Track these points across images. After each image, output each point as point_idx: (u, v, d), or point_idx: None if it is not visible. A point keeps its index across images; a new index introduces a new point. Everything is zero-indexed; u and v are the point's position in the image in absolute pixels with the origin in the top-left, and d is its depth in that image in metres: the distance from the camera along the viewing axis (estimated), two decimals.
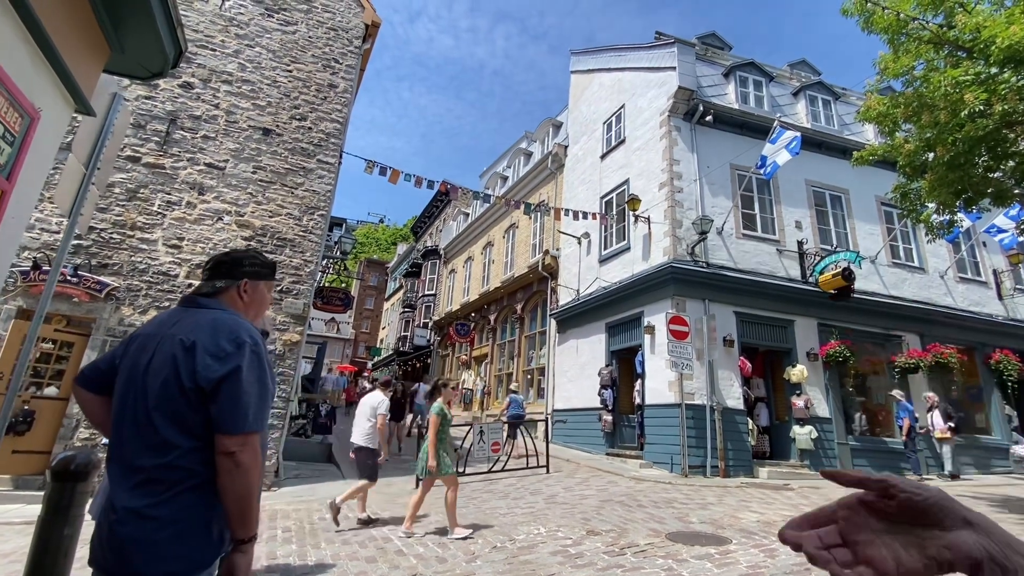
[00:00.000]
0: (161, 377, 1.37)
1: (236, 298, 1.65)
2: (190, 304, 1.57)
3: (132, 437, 1.37)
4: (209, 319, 1.47)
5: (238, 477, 1.34)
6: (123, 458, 1.37)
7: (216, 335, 1.42)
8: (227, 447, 1.33)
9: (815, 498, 7.21)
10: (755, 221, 11.25)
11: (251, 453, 1.36)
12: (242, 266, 1.68)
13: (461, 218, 25.44)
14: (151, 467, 1.33)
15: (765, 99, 12.54)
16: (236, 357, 1.39)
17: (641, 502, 6.59)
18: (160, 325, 1.50)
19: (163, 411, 1.35)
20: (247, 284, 1.68)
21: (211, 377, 1.35)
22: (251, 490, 1.36)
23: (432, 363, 24.97)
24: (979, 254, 13.37)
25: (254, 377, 1.42)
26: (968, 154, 5.89)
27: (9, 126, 2.10)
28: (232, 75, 9.09)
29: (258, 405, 1.41)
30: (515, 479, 8.37)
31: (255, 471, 1.37)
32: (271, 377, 1.51)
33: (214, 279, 1.64)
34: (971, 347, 11.98)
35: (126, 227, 7.84)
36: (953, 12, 6.19)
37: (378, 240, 73.39)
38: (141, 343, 1.48)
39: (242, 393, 1.37)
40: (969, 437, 11.39)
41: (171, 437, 1.34)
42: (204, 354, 1.38)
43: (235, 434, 1.35)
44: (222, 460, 1.34)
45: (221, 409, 1.35)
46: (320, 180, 9.25)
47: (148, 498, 1.30)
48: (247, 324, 1.52)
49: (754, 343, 10.36)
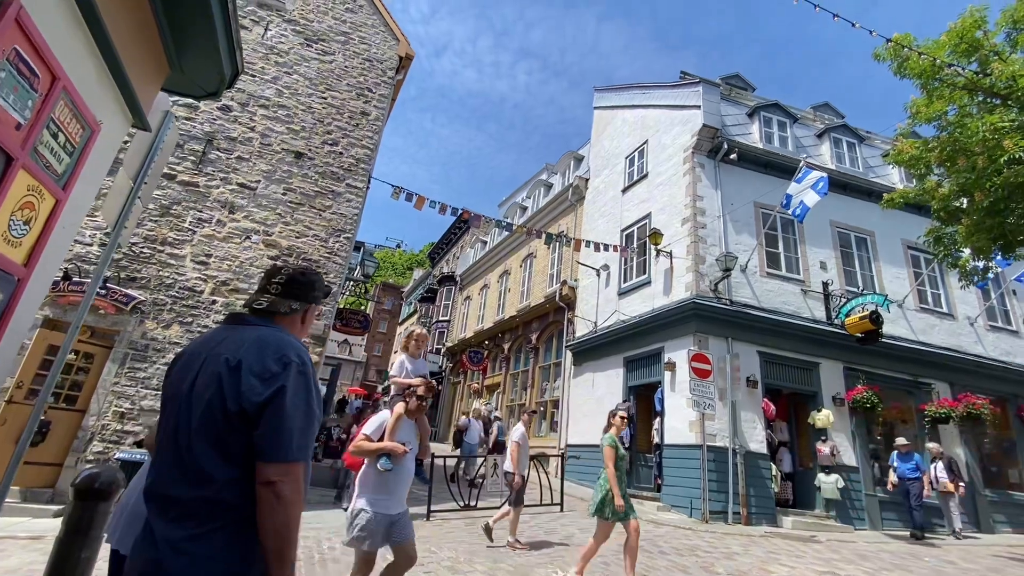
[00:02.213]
0: (205, 399, 1.29)
1: (298, 321, 1.58)
2: (237, 321, 1.48)
3: (172, 464, 1.28)
4: (254, 336, 1.38)
5: (278, 511, 1.23)
6: (162, 487, 1.28)
7: (262, 354, 1.33)
8: (268, 476, 1.23)
9: (846, 552, 6.83)
10: (779, 260, 11.12)
11: (293, 485, 1.25)
12: (315, 290, 1.62)
13: (479, 246, 25.61)
14: (189, 499, 1.24)
15: (789, 139, 12.57)
16: (281, 378, 1.30)
17: (662, 548, 6.29)
18: (205, 343, 1.42)
19: (205, 436, 1.26)
20: (312, 308, 1.62)
21: (255, 400, 1.26)
22: (291, 526, 1.25)
23: (443, 390, 24.74)
24: (1009, 302, 13.02)
25: (300, 401, 1.32)
26: (1007, 200, 5.77)
27: (71, 136, 2.13)
28: (269, 100, 9.38)
29: (303, 432, 1.31)
30: (528, 516, 8.09)
31: (297, 505, 1.26)
32: (318, 402, 1.41)
33: (288, 299, 1.54)
34: (1003, 398, 11.53)
35: (156, 242, 7.98)
36: (988, 60, 6.19)
37: (394, 264, 74.12)
38: (186, 362, 1.40)
39: (285, 418, 1.27)
40: (1002, 493, 10.85)
41: (211, 466, 1.24)
42: (249, 374, 1.28)
43: (277, 463, 1.25)
44: (262, 491, 1.23)
45: (263, 435, 1.25)
46: (348, 204, 9.38)
47: (184, 530, 1.21)
48: (295, 342, 1.43)
49: (778, 385, 10.07)
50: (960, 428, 10.63)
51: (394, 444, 3.22)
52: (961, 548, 8.09)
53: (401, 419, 3.38)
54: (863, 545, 7.57)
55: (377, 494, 3.14)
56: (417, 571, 4.87)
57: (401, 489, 3.26)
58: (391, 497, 3.18)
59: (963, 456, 10.58)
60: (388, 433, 3.31)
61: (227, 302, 8.09)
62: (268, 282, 1.57)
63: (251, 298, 1.54)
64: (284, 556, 1.24)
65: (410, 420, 3.45)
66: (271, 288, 1.56)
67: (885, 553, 7.11)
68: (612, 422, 5.10)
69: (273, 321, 1.50)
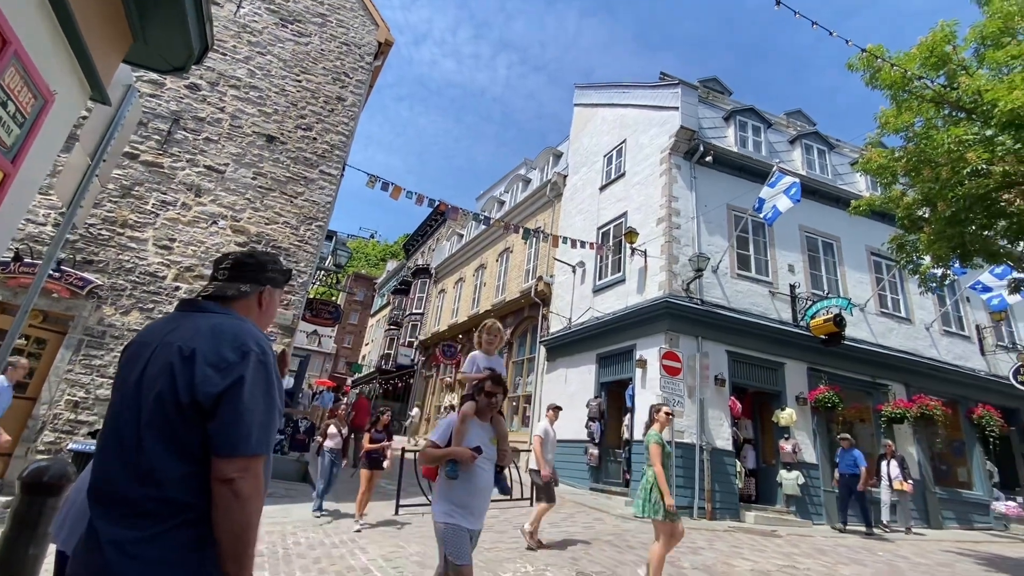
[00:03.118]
0: (155, 391, 1.19)
1: (255, 305, 1.50)
2: (191, 308, 1.39)
3: (119, 461, 1.18)
4: (209, 324, 1.29)
5: (236, 509, 1.15)
6: (108, 485, 1.18)
7: (218, 342, 1.24)
8: (225, 473, 1.15)
9: (805, 547, 7.06)
10: (749, 262, 11.36)
11: (252, 481, 1.18)
12: (266, 270, 1.52)
13: (455, 239, 25.42)
14: (138, 498, 1.14)
15: (763, 144, 12.83)
16: (239, 368, 1.22)
17: (630, 543, 6.37)
18: (154, 332, 1.32)
19: (156, 430, 1.17)
20: (268, 291, 1.53)
21: (210, 391, 1.17)
22: (249, 525, 1.17)
23: (415, 384, 24.54)
24: (963, 309, 13.64)
25: (260, 392, 1.24)
26: (968, 211, 6.01)
27: (21, 106, 1.97)
28: (241, 80, 9.04)
29: (263, 426, 1.23)
30: (498, 510, 8.08)
31: (256, 502, 1.18)
32: (280, 393, 1.32)
33: (236, 282, 1.46)
34: (954, 400, 12.09)
35: (116, 224, 7.62)
36: (956, 75, 6.41)
37: (367, 255, 73.02)
38: (134, 352, 1.30)
39: (244, 410, 1.19)
40: (951, 491, 11.41)
41: (163, 463, 1.15)
42: (204, 364, 1.20)
43: (235, 457, 1.16)
44: (219, 488, 1.15)
45: (219, 428, 1.17)
46: (321, 191, 9.14)
47: (133, 531, 1.12)
48: (255, 330, 1.35)
49: (744, 383, 10.32)
50: (914, 428, 11.11)
51: (460, 449, 2.82)
52: (912, 543, 8.46)
53: (468, 421, 2.97)
54: (821, 540, 7.83)
55: (451, 505, 2.81)
56: (385, 565, 4.80)
57: (476, 501, 2.87)
58: (464, 510, 2.81)
59: (915, 455, 11.07)
60: (455, 437, 2.91)
61: (191, 289, 7.79)
62: (216, 269, 1.50)
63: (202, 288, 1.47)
64: (242, 556, 1.17)
65: (483, 422, 3.02)
66: (219, 275, 1.48)
67: (842, 547, 7.38)
68: (656, 418, 4.84)
69: (229, 308, 1.42)
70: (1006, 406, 12.35)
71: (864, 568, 6.19)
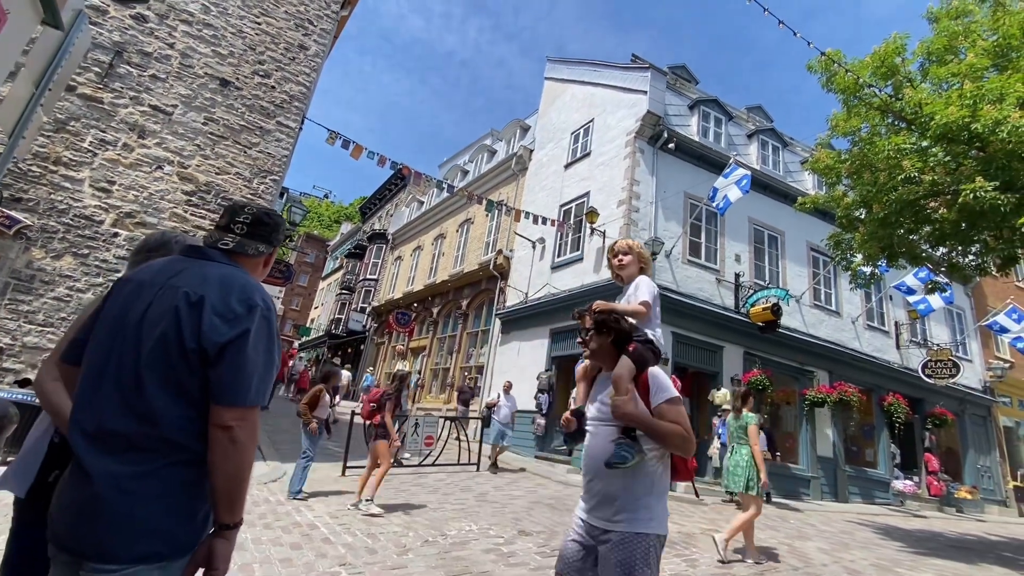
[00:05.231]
0: (158, 331, 1.21)
1: (260, 265, 1.52)
2: (196, 254, 1.39)
3: (111, 397, 1.19)
4: (218, 274, 1.32)
5: (232, 455, 1.20)
6: (100, 420, 1.18)
7: (226, 293, 1.27)
8: (224, 420, 1.20)
9: (727, 513, 7.68)
10: (700, 249, 11.85)
11: (249, 429, 1.23)
12: (278, 232, 1.54)
13: (415, 205, 24.95)
14: (134, 434, 1.17)
15: (723, 136, 13.25)
16: (246, 320, 1.26)
17: (569, 506, 6.72)
18: (158, 273, 1.33)
19: (156, 371, 1.19)
20: (275, 253, 1.57)
21: (217, 340, 1.21)
22: (244, 470, 1.24)
23: (366, 350, 24.28)
24: (885, 306, 14.82)
25: (262, 346, 1.28)
26: (899, 214, 6.52)
27: None
28: (193, 16, 8.42)
29: (262, 378, 1.28)
30: (445, 475, 8.30)
31: (251, 449, 1.25)
32: (278, 349, 1.38)
33: (255, 240, 1.46)
34: (870, 388, 13.24)
35: (49, 160, 7.04)
36: (902, 85, 6.84)
37: (320, 216, 70.41)
38: (134, 289, 1.30)
39: (247, 362, 1.24)
40: (858, 469, 12.63)
41: (160, 403, 1.18)
42: (212, 313, 1.23)
43: (235, 407, 1.21)
44: (216, 434, 1.20)
45: (222, 378, 1.21)
46: (277, 144, 8.75)
47: (128, 466, 1.15)
48: (259, 286, 1.38)
49: (686, 364, 10.89)
50: (832, 412, 12.12)
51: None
52: (820, 513, 9.36)
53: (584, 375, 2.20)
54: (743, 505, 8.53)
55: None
56: (332, 523, 4.89)
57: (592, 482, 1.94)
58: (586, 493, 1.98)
59: (831, 436, 12.11)
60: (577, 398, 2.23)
61: (131, 236, 7.36)
62: (232, 220, 1.47)
63: (213, 236, 1.44)
64: (235, 499, 1.24)
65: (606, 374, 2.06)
66: (235, 227, 1.46)
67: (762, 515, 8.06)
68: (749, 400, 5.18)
69: (236, 261, 1.43)
70: (913, 396, 13.65)
71: (778, 533, 6.83)
